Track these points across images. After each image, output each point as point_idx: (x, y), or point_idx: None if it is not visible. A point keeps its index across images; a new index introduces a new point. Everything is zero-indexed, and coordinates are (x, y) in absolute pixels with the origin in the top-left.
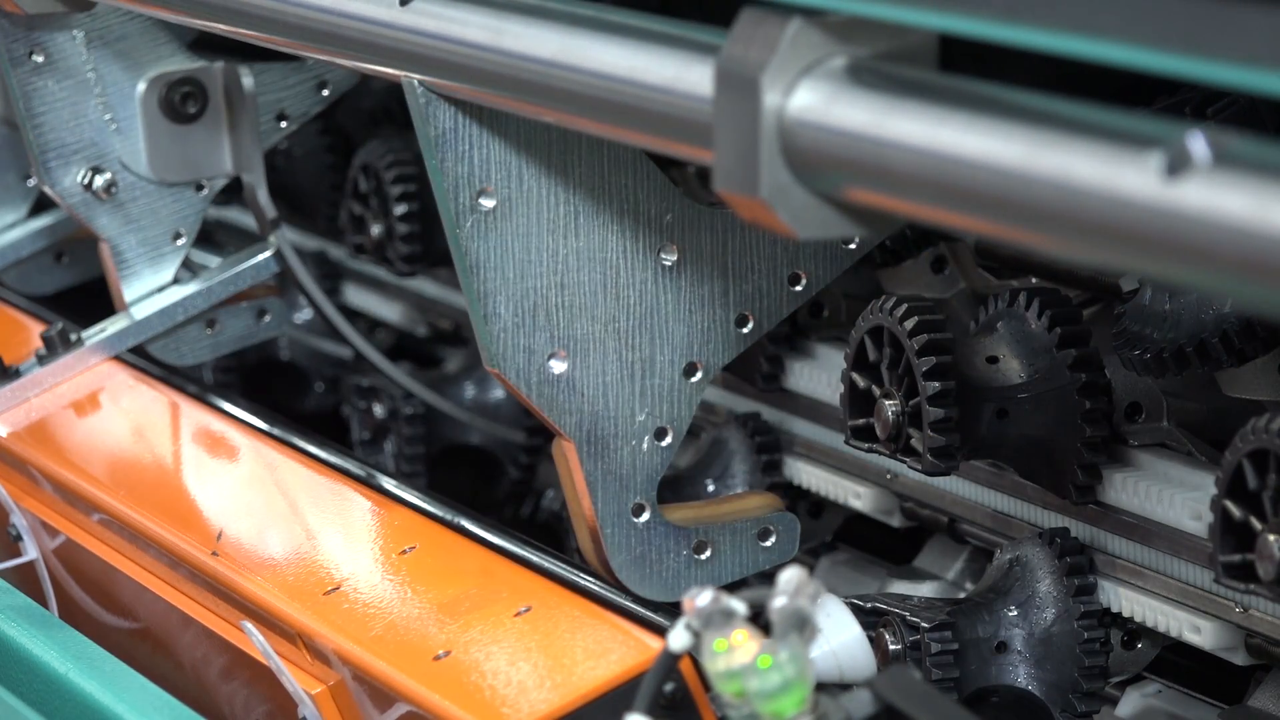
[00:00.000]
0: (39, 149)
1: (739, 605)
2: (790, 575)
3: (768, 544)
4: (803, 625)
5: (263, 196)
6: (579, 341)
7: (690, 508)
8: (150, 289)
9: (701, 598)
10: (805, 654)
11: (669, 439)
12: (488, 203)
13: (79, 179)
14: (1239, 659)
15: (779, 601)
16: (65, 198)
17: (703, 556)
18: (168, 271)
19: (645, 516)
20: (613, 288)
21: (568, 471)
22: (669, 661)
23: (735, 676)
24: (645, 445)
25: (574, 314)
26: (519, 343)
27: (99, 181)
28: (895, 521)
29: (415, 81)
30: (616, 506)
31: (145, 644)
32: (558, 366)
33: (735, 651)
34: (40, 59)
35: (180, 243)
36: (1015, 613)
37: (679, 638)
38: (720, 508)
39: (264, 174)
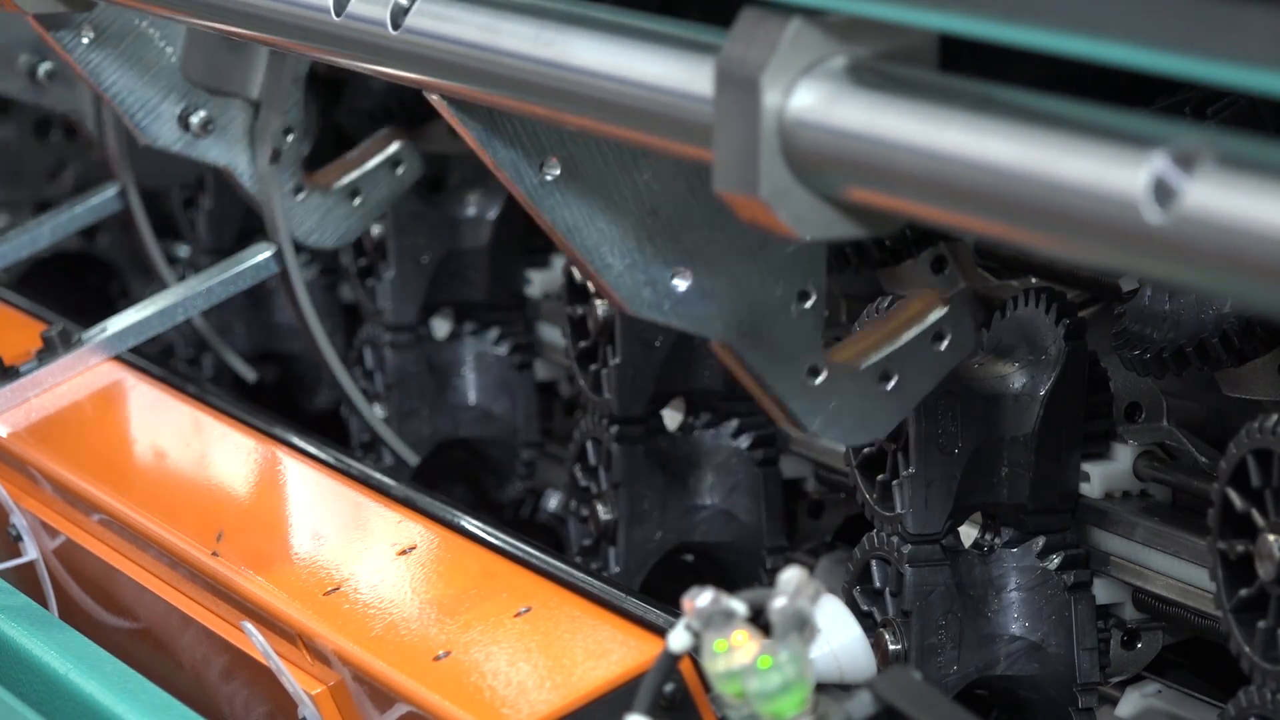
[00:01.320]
0: (130, 114)
1: (739, 606)
2: (790, 575)
3: (943, 346)
4: (802, 626)
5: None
6: (690, 252)
7: (857, 340)
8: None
9: (701, 598)
10: (805, 654)
11: (814, 298)
12: (554, 171)
13: (176, 124)
14: (1127, 614)
15: (779, 602)
16: (172, 146)
17: (889, 386)
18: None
19: (822, 376)
20: (699, 191)
21: (738, 368)
22: (669, 662)
23: (735, 677)
24: (794, 313)
25: (675, 230)
26: (639, 279)
27: (195, 120)
28: None
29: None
30: (793, 380)
31: (145, 644)
32: (682, 284)
33: (735, 652)
34: (89, 36)
35: None
36: None
37: (679, 638)
38: (886, 327)
39: (285, 110)
